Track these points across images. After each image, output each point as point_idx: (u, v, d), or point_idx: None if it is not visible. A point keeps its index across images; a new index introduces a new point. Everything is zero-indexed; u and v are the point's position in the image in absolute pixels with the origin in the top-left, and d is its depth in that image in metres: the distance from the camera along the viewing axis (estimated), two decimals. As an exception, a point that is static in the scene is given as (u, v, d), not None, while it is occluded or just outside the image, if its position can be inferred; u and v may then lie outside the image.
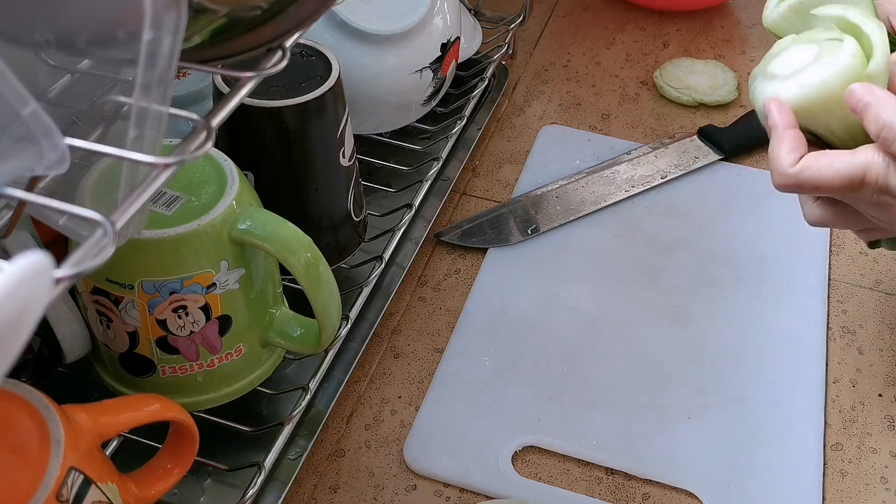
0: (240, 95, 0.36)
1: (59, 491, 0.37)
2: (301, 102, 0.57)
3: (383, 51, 0.69)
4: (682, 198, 0.76)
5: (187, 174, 0.50)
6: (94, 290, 0.49)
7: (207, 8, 0.30)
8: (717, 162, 0.78)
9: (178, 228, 0.47)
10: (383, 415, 0.60)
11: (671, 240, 0.72)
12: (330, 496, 0.56)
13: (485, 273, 0.69)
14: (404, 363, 0.63)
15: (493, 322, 0.65)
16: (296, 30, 0.37)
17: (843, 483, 0.57)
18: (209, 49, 0.35)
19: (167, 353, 0.51)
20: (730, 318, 0.66)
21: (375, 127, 0.74)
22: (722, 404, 0.61)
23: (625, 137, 0.82)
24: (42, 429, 0.39)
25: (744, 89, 0.87)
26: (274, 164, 0.60)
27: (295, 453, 0.56)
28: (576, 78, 0.89)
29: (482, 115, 0.82)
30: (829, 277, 0.69)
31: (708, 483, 0.56)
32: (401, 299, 0.68)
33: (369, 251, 0.66)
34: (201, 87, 0.66)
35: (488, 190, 0.77)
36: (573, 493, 0.56)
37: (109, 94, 0.39)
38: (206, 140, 0.33)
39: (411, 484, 0.57)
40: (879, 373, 0.63)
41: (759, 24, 0.96)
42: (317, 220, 0.62)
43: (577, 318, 0.66)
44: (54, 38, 0.30)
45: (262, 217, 0.49)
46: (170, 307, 0.49)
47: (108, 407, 0.44)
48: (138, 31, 0.27)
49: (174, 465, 0.48)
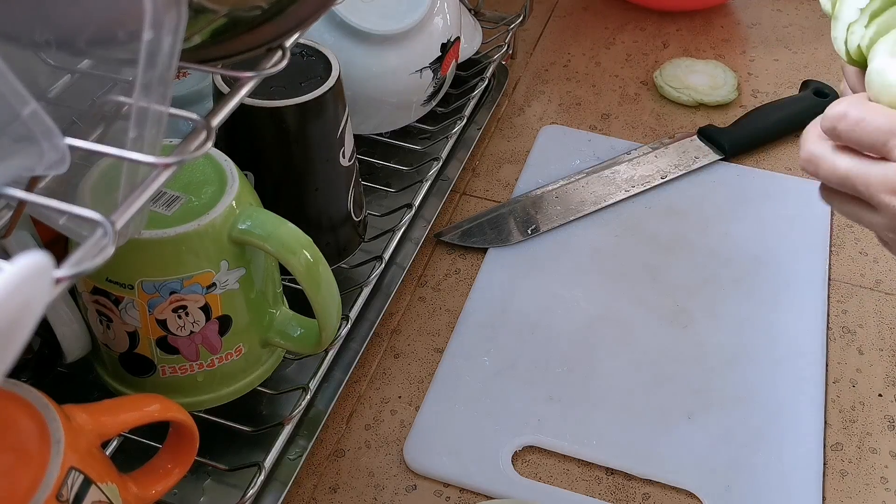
0: (240, 95, 0.36)
1: (59, 491, 0.37)
2: (301, 102, 0.57)
3: (383, 51, 0.69)
4: (682, 198, 0.76)
5: (187, 174, 0.50)
6: (94, 290, 0.49)
7: (207, 8, 0.30)
8: (717, 162, 0.78)
9: (178, 228, 0.47)
10: (383, 415, 0.60)
11: (671, 240, 0.72)
12: (330, 496, 0.56)
13: (485, 273, 0.69)
14: (404, 363, 0.63)
15: (493, 322, 0.65)
16: (296, 30, 0.37)
17: (843, 483, 0.57)
18: (209, 49, 0.35)
19: (167, 353, 0.51)
20: (730, 318, 0.66)
21: (375, 127, 0.74)
22: (722, 404, 0.61)
23: (625, 137, 0.82)
24: (42, 429, 0.39)
25: (744, 89, 0.87)
26: (274, 164, 0.60)
27: (295, 453, 0.56)
28: (576, 78, 0.89)
29: (482, 115, 0.82)
30: (829, 277, 0.69)
31: (708, 483, 0.56)
32: (401, 299, 0.68)
33: (369, 251, 0.66)
34: (201, 87, 0.66)
35: (488, 190, 0.77)
36: (573, 493, 0.56)
37: (109, 94, 0.39)
38: (206, 140, 0.33)
39: (411, 484, 0.57)
40: (879, 373, 0.63)
41: (759, 24, 0.96)
42: (317, 220, 0.62)
43: (577, 318, 0.66)
44: (54, 38, 0.30)
45: (262, 217, 0.49)
46: (170, 307, 0.49)
47: (108, 407, 0.44)
48: (138, 31, 0.27)
49: (174, 465, 0.47)
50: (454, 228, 0.72)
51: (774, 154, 0.80)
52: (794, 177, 0.77)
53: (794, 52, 0.92)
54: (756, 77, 0.89)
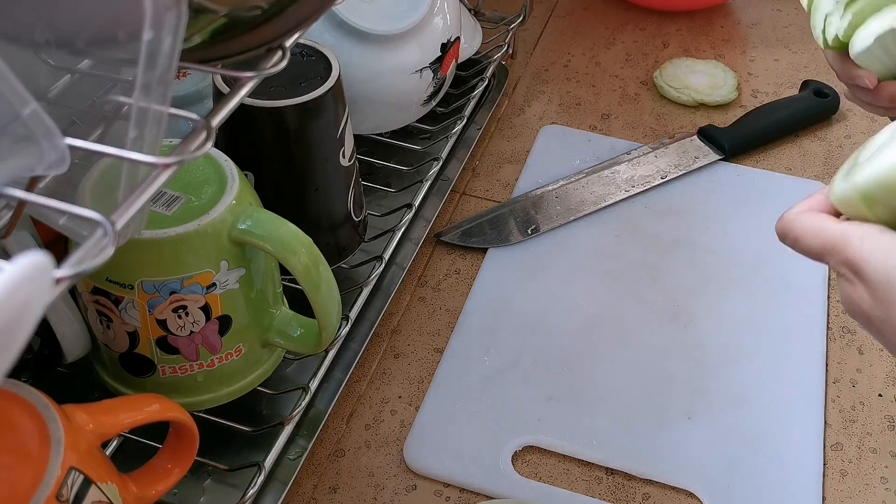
0: (240, 95, 0.36)
1: (59, 491, 0.37)
2: (301, 102, 0.57)
3: (383, 51, 0.69)
4: (682, 198, 0.76)
5: (187, 174, 0.50)
6: (94, 290, 0.49)
7: (207, 8, 0.30)
8: (717, 162, 0.78)
9: (178, 228, 0.47)
10: (383, 415, 0.60)
11: (671, 240, 0.72)
12: (330, 496, 0.56)
13: (485, 273, 0.69)
14: (404, 363, 0.63)
15: (493, 322, 0.65)
16: (296, 30, 0.37)
17: (843, 483, 0.57)
18: (209, 49, 0.35)
19: (167, 353, 0.51)
20: (730, 318, 0.66)
21: (375, 127, 0.74)
22: (722, 404, 0.61)
23: (625, 137, 0.82)
24: (42, 429, 0.39)
25: (744, 89, 0.87)
26: (274, 164, 0.60)
27: (295, 453, 0.56)
28: (576, 78, 0.89)
29: (482, 115, 0.82)
30: (829, 277, 0.69)
31: (708, 483, 0.56)
32: (401, 299, 0.68)
33: (369, 251, 0.66)
34: (201, 87, 0.66)
35: (488, 190, 0.77)
36: (573, 493, 0.56)
37: (109, 94, 0.39)
38: (206, 140, 0.33)
39: (411, 484, 0.57)
40: (879, 373, 0.63)
41: (759, 24, 0.96)
42: (317, 220, 0.62)
43: (577, 318, 0.66)
44: (54, 38, 0.30)
45: (262, 217, 0.49)
46: (170, 307, 0.49)
47: (108, 407, 0.44)
48: (138, 31, 0.27)
49: (174, 465, 0.48)
50: (454, 228, 0.72)
51: (774, 154, 0.80)
52: (794, 177, 0.77)
53: (794, 52, 0.92)
54: (756, 77, 0.89)
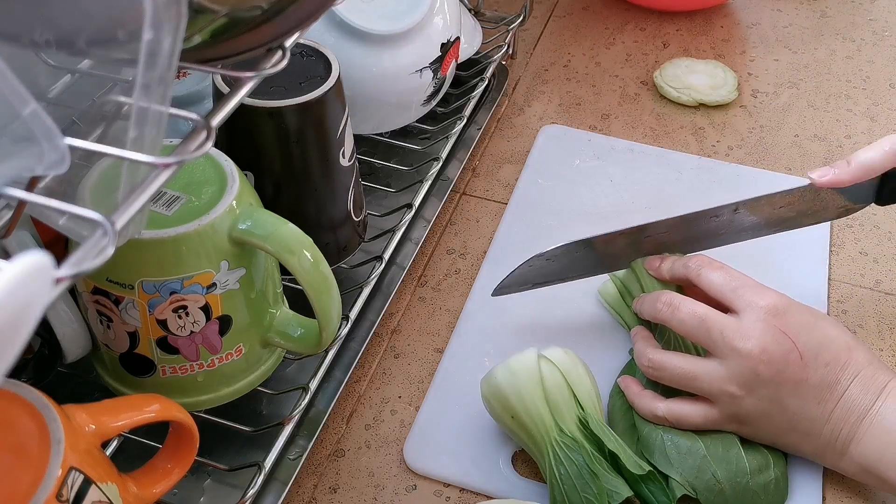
0: (240, 95, 0.36)
1: (59, 491, 0.37)
2: (301, 102, 0.57)
3: (383, 51, 0.69)
4: (682, 198, 0.75)
5: (187, 174, 0.50)
6: (95, 290, 0.49)
7: (207, 8, 0.30)
8: (717, 162, 0.78)
9: (179, 228, 0.47)
10: (383, 415, 0.60)
11: (671, 240, 0.72)
12: (330, 496, 0.56)
13: (485, 273, 0.69)
14: (404, 363, 0.63)
15: (493, 322, 0.65)
16: (296, 30, 0.37)
17: (843, 483, 0.57)
18: (209, 49, 0.35)
19: (167, 353, 0.51)
20: (730, 318, 0.66)
21: (375, 127, 0.74)
22: (722, 404, 0.60)
23: (625, 137, 0.82)
24: (42, 429, 0.39)
25: (744, 89, 0.87)
26: (274, 164, 0.60)
27: (295, 453, 0.56)
28: (576, 78, 0.89)
29: (482, 115, 0.82)
30: (829, 277, 0.69)
31: (708, 483, 0.56)
32: (401, 299, 0.68)
33: (369, 251, 0.66)
34: (201, 87, 0.66)
35: (488, 190, 0.77)
36: (573, 493, 0.56)
37: (109, 94, 0.39)
38: (206, 140, 0.33)
39: (411, 484, 0.57)
40: (879, 373, 0.63)
41: (759, 24, 0.96)
42: (317, 220, 0.62)
43: (577, 319, 0.66)
44: (54, 38, 0.30)
45: (262, 217, 0.49)
46: (170, 307, 0.49)
47: (108, 407, 0.44)
48: (138, 31, 0.27)
49: (174, 465, 0.48)
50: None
51: (774, 154, 0.80)
52: (794, 177, 0.77)
53: (794, 52, 0.92)
54: (756, 77, 0.89)
